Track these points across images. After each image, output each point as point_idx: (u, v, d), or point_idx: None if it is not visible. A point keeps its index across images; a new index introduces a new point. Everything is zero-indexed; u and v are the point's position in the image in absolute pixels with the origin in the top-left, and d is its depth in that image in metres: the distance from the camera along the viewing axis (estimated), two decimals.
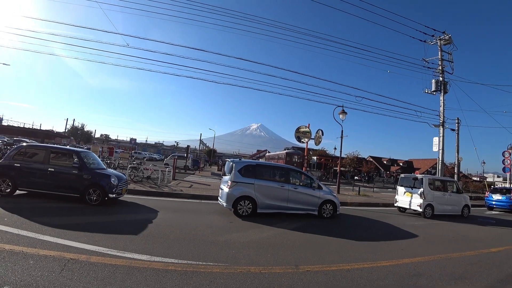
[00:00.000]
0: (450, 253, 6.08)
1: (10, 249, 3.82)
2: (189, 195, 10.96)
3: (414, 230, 8.29)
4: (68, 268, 3.42)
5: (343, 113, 17.44)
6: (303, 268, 4.27)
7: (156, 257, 4.11)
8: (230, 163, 8.69)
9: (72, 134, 54.73)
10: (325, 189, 9.22)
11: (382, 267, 4.72)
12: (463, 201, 12.82)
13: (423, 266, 4.99)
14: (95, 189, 7.49)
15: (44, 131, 30.25)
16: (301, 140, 22.44)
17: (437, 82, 18.44)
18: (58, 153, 8.24)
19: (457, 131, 19.64)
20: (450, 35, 17.98)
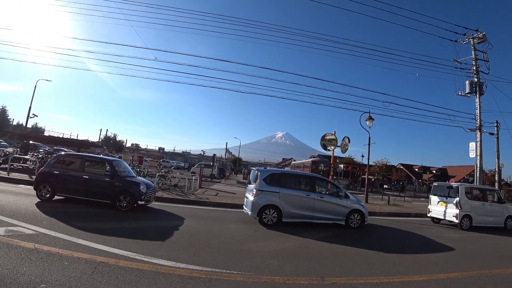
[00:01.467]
0: (491, 270, 5.60)
1: (47, 250, 4.08)
2: (214, 203, 11.08)
3: (449, 243, 7.75)
4: (98, 270, 3.57)
5: (370, 119, 16.91)
6: (328, 280, 4.13)
7: (182, 263, 4.17)
8: (255, 171, 8.70)
9: (105, 144, 57.83)
10: (352, 198, 8.93)
11: (413, 281, 4.44)
12: (506, 211, 11.80)
13: (460, 283, 4.64)
14: (125, 196, 7.82)
15: (80, 141, 32.27)
16: (327, 148, 21.97)
17: (472, 83, 17.38)
18: (92, 162, 8.72)
19: (497, 135, 18.28)
20: (484, 33, 16.94)
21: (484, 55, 17.50)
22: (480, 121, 17.24)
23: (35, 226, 5.28)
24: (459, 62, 18.06)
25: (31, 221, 5.66)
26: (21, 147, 20.91)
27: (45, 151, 19.16)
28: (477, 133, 17.23)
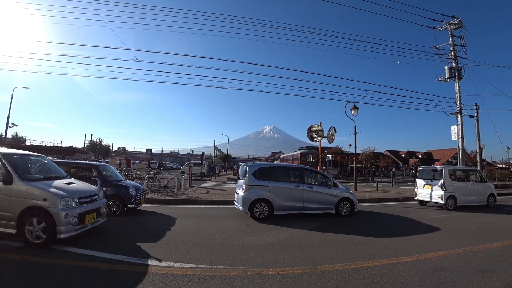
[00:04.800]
0: (475, 246, 5.85)
1: (37, 261, 4.01)
2: (205, 201, 11.08)
3: (436, 224, 8.04)
4: (92, 276, 3.55)
5: (355, 108, 17.17)
6: (321, 268, 4.23)
7: (175, 263, 4.19)
8: (244, 166, 8.73)
9: (90, 149, 56.60)
10: (341, 187, 9.10)
11: (403, 263, 4.60)
12: (488, 190, 12.33)
13: (447, 260, 4.83)
14: (114, 200, 7.72)
15: (64, 148, 31.48)
16: (314, 139, 22.23)
17: (451, 68, 17.89)
18: (78, 168, 8.55)
19: (477, 117, 18.95)
20: (460, 19, 17.41)
21: (461, 41, 18.01)
22: (460, 105, 17.80)
23: None
24: (438, 48, 18.52)
25: None
26: None
27: None
28: (458, 116, 17.80)
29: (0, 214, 4.71)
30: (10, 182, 4.76)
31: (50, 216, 4.66)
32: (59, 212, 4.69)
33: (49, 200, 4.74)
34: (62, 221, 4.68)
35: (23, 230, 4.65)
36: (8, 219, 4.69)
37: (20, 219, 4.66)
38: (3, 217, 4.70)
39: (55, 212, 4.67)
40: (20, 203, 4.70)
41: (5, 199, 4.72)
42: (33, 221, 4.67)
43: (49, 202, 4.72)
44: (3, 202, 4.73)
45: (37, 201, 4.72)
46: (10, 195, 4.74)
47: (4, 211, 4.70)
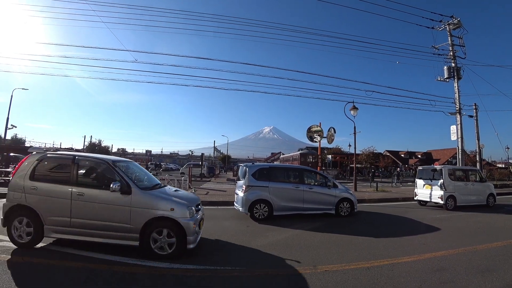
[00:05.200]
0: (475, 245, 5.85)
1: (37, 262, 4.01)
2: (205, 202, 11.04)
3: (436, 224, 8.05)
4: (92, 278, 3.56)
5: (354, 108, 17.18)
6: (321, 268, 4.24)
7: (175, 263, 4.18)
8: (244, 167, 8.74)
9: (90, 150, 56.49)
10: (341, 187, 9.11)
11: (403, 263, 4.61)
12: (488, 190, 12.34)
13: (447, 260, 4.84)
14: None
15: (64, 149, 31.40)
16: (313, 140, 22.22)
17: (450, 68, 17.94)
18: None
19: (476, 117, 18.98)
20: (459, 19, 17.46)
21: (460, 41, 18.06)
22: (459, 105, 17.84)
23: None
24: (437, 48, 18.57)
25: None
26: (1, 160, 20.17)
27: None
28: (457, 116, 17.84)
29: (120, 226, 4.49)
30: (129, 192, 4.57)
31: (179, 226, 4.49)
32: (189, 222, 4.54)
33: (176, 210, 4.55)
34: (191, 231, 4.52)
35: (148, 242, 4.43)
36: (129, 231, 4.48)
37: (143, 231, 4.45)
38: (124, 229, 4.49)
39: (185, 222, 4.51)
40: (143, 214, 4.49)
41: (126, 210, 4.51)
42: (161, 232, 4.46)
43: (177, 212, 4.54)
44: (124, 214, 4.51)
45: (163, 211, 4.53)
46: (131, 206, 4.52)
47: (124, 223, 4.48)
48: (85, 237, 4.52)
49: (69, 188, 4.63)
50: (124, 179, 4.66)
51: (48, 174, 4.92)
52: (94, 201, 4.57)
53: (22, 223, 4.57)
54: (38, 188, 4.64)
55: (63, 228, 4.56)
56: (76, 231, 4.54)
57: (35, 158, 4.86)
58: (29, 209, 4.59)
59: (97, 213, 4.54)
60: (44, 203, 4.60)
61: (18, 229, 4.57)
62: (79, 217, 4.55)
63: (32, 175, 4.74)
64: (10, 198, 4.69)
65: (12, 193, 4.70)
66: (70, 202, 4.56)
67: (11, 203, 4.65)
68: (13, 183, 4.75)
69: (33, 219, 4.56)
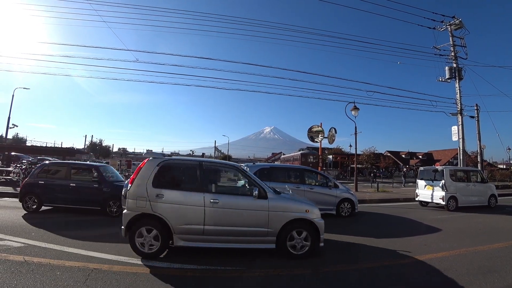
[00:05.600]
0: (477, 246, 5.83)
1: (38, 262, 4.01)
2: None
3: (437, 224, 8.02)
4: (92, 277, 3.55)
5: (355, 109, 17.17)
6: (322, 269, 4.22)
7: (175, 264, 4.18)
8: (244, 167, 8.73)
9: (91, 150, 56.57)
10: (342, 188, 9.10)
11: (404, 264, 4.60)
12: (489, 190, 12.30)
13: (448, 261, 4.81)
14: (115, 201, 7.71)
15: (65, 148, 31.50)
16: (314, 140, 22.24)
17: (451, 69, 17.91)
18: (79, 169, 8.57)
19: (477, 118, 18.93)
20: (461, 19, 17.42)
21: (462, 41, 18.03)
22: (460, 105, 17.81)
23: (23, 239, 5.16)
24: (438, 48, 18.55)
25: (18, 233, 5.53)
26: (3, 159, 20.22)
27: (28, 161, 18.62)
28: (458, 117, 17.80)
29: (257, 230, 4.59)
30: (266, 197, 4.66)
31: (314, 226, 4.69)
32: (321, 222, 4.77)
33: (311, 211, 4.79)
34: (323, 230, 4.75)
35: (284, 243, 4.59)
36: (266, 234, 4.59)
37: (280, 233, 4.58)
38: (261, 233, 4.59)
39: (318, 222, 4.74)
40: (281, 217, 4.61)
41: (264, 215, 4.59)
42: (300, 233, 4.65)
43: (312, 213, 4.78)
44: (262, 218, 4.59)
45: (300, 213, 4.72)
46: (269, 210, 4.60)
47: (262, 227, 4.58)
48: (218, 244, 4.55)
49: (201, 194, 4.56)
50: (258, 184, 4.78)
51: (174, 180, 4.95)
52: (230, 207, 4.59)
53: (147, 233, 4.40)
54: (165, 196, 4.50)
55: (195, 236, 4.50)
56: (209, 238, 4.52)
57: (155, 164, 4.69)
58: (155, 217, 4.44)
59: (233, 219, 4.57)
60: (173, 211, 4.47)
61: (142, 238, 4.39)
62: (214, 224, 4.50)
63: (155, 182, 4.56)
64: (132, 207, 4.47)
65: (133, 201, 4.47)
66: (203, 209, 4.49)
67: (134, 212, 4.44)
68: (134, 191, 4.51)
69: (160, 228, 4.41)
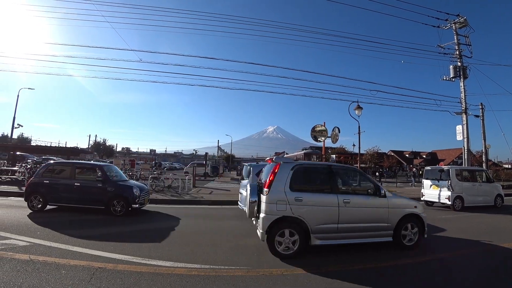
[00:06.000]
0: (481, 247, 5.78)
1: (43, 260, 4.04)
2: (209, 201, 11.09)
3: (442, 224, 7.96)
4: (97, 276, 3.56)
5: (359, 108, 17.05)
6: (325, 269, 4.20)
7: (180, 263, 4.19)
8: (248, 167, 8.74)
9: (95, 150, 56.94)
10: None
11: (408, 264, 4.57)
12: (495, 190, 12.18)
13: (453, 261, 4.79)
14: (118, 201, 7.76)
15: (69, 148, 31.65)
16: (317, 139, 22.10)
17: (455, 67, 17.74)
18: (83, 168, 8.62)
19: (482, 117, 18.74)
20: (465, 17, 17.25)
21: (466, 39, 17.86)
22: (465, 104, 17.65)
23: (28, 238, 5.21)
24: (443, 47, 18.38)
25: (24, 232, 5.58)
26: (8, 159, 20.40)
27: (33, 161, 18.80)
28: (463, 116, 17.64)
29: (380, 225, 5.16)
30: (385, 196, 5.26)
31: (420, 220, 5.45)
32: (425, 216, 5.54)
33: (418, 207, 5.57)
34: (426, 223, 5.50)
35: (399, 236, 5.24)
36: (386, 229, 5.21)
37: (396, 227, 5.23)
38: (382, 228, 5.19)
39: (424, 217, 5.51)
40: (397, 213, 5.26)
41: (385, 211, 5.19)
42: (408, 227, 5.33)
43: (419, 209, 5.55)
44: (384, 215, 5.19)
45: (411, 209, 5.45)
46: (388, 207, 5.21)
47: (383, 222, 5.18)
48: (348, 240, 5.00)
49: (335, 195, 4.96)
50: (377, 185, 5.44)
51: (309, 183, 5.26)
52: (360, 206, 5.11)
53: (286, 235, 4.64)
54: (303, 199, 4.76)
55: (330, 235, 4.87)
56: (342, 235, 4.95)
57: (289, 168, 4.96)
58: (295, 220, 4.69)
59: (361, 216, 5.08)
60: (311, 212, 4.76)
61: (282, 240, 4.64)
62: (346, 222, 4.93)
63: (292, 186, 4.83)
64: (272, 211, 4.67)
65: (273, 205, 4.68)
66: (337, 209, 4.88)
67: (274, 216, 4.64)
68: (273, 195, 4.72)
69: (298, 230, 4.68)
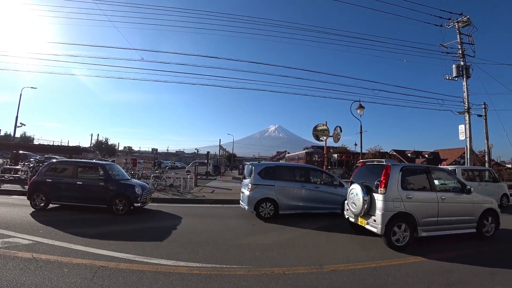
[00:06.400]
0: (484, 247, 5.77)
1: (46, 259, 4.07)
2: (211, 200, 11.11)
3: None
4: (99, 275, 3.59)
5: (361, 107, 17.02)
6: (327, 268, 4.21)
7: (181, 262, 4.21)
8: (250, 166, 8.74)
9: (97, 149, 57.09)
10: (347, 187, 9.03)
11: (410, 264, 4.56)
12: (501, 190, 12.07)
13: (455, 261, 4.77)
14: (121, 199, 7.78)
15: (71, 147, 31.76)
16: (319, 139, 22.08)
17: (458, 67, 17.63)
18: (85, 167, 8.65)
19: (485, 116, 18.61)
20: (468, 16, 17.14)
21: (469, 39, 17.73)
22: (468, 104, 17.55)
23: (31, 236, 5.24)
24: (445, 46, 18.26)
25: (27, 231, 5.61)
26: (11, 157, 20.49)
27: (36, 160, 18.86)
28: (465, 115, 17.55)
29: (466, 218, 6.02)
30: (470, 192, 6.11)
31: (496, 214, 6.35)
32: (499, 210, 6.47)
33: (494, 203, 6.46)
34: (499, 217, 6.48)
35: (480, 227, 6.17)
36: (471, 221, 6.07)
37: (479, 220, 6.13)
38: (468, 221, 6.05)
39: (499, 212, 6.42)
40: (479, 208, 6.17)
41: (470, 206, 6.07)
42: (488, 220, 6.24)
43: (495, 204, 6.47)
44: (470, 209, 6.07)
45: (489, 204, 6.34)
46: (473, 203, 6.11)
47: (469, 216, 6.05)
48: (445, 231, 5.80)
49: (434, 193, 5.77)
50: (464, 183, 6.38)
51: (414, 182, 5.97)
52: (453, 201, 5.92)
53: (402, 228, 5.41)
54: (413, 197, 5.56)
55: (431, 227, 5.64)
56: (440, 227, 5.72)
57: (398, 170, 5.67)
58: (407, 215, 5.45)
59: (454, 210, 5.90)
60: (418, 208, 5.55)
61: (397, 233, 5.38)
62: (443, 216, 5.71)
63: (402, 185, 5.57)
64: (389, 207, 5.39)
65: (391, 203, 5.42)
66: (437, 205, 5.68)
67: (391, 212, 5.37)
68: (390, 194, 5.45)
69: (409, 223, 5.45)
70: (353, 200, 6.09)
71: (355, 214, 6.03)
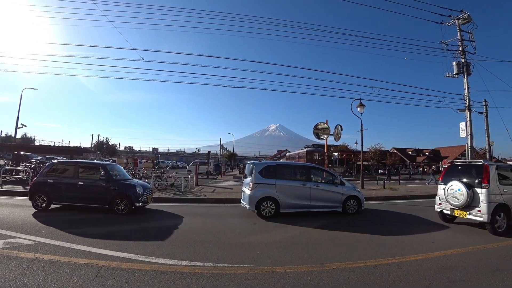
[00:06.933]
0: (486, 244, 5.77)
1: (48, 259, 4.09)
2: (212, 199, 11.13)
3: (445, 221, 7.93)
4: (101, 274, 3.61)
5: (361, 105, 17.03)
6: (328, 266, 4.23)
7: (183, 261, 4.22)
8: (250, 165, 8.75)
9: (98, 149, 57.21)
10: (348, 185, 9.05)
11: (411, 261, 4.56)
12: None
13: (456, 259, 4.77)
14: (122, 199, 7.81)
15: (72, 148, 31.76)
16: (320, 137, 22.13)
17: (459, 64, 17.57)
18: (86, 167, 8.68)
19: (486, 114, 18.56)
20: (469, 13, 17.07)
21: (470, 36, 17.66)
22: (469, 101, 17.50)
23: (33, 236, 5.26)
24: (446, 43, 18.20)
25: (29, 231, 5.63)
26: (12, 158, 20.53)
27: (37, 160, 18.92)
28: (466, 113, 17.50)
29: None
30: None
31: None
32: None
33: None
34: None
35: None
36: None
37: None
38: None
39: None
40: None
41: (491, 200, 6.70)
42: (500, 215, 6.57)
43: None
44: None
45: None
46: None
47: None
48: None
49: None
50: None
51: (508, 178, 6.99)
52: None
53: (500, 217, 6.48)
54: (508, 190, 6.68)
55: None
56: None
57: (494, 168, 6.74)
58: (505, 206, 6.55)
59: None
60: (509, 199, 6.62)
61: (498, 221, 6.48)
62: None
63: (499, 181, 6.68)
64: (492, 199, 6.47)
65: (493, 196, 6.49)
66: None
67: (495, 203, 6.46)
68: (492, 189, 6.50)
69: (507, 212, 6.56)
70: (454, 194, 7.01)
71: (456, 207, 6.95)
